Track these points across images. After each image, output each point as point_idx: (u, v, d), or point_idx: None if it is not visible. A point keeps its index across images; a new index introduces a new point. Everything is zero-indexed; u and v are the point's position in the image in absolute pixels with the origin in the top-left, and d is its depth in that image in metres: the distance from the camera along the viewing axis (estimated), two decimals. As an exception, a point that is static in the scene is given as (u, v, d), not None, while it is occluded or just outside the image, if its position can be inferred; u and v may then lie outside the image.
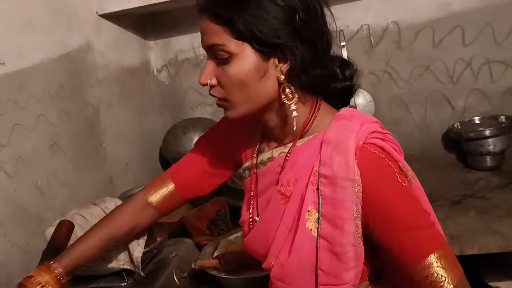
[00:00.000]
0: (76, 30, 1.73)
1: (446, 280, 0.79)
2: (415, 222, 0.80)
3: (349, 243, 0.80)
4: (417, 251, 0.80)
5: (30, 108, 1.46)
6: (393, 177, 0.80)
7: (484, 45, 1.94)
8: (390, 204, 0.80)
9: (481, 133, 1.79)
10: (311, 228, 0.82)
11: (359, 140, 0.81)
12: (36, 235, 1.41)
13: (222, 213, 1.66)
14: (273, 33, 0.78)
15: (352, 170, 0.78)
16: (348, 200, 0.79)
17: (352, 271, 0.82)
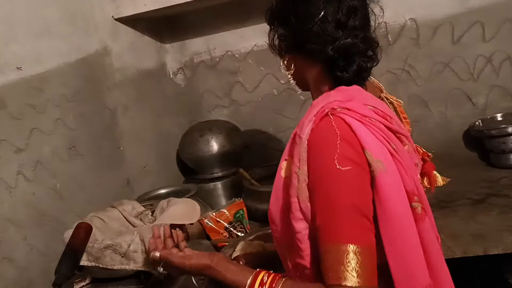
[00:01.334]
0: (93, 35, 1.75)
1: (345, 276, 0.77)
2: (336, 209, 0.80)
3: (294, 194, 0.86)
4: (330, 233, 0.80)
5: (48, 112, 1.47)
6: (331, 156, 0.81)
7: (505, 40, 1.89)
8: (319, 177, 0.83)
9: (503, 130, 1.74)
10: (283, 175, 0.91)
11: (326, 108, 0.86)
12: (55, 238, 1.42)
13: (240, 215, 1.65)
14: (272, 21, 1.00)
15: (304, 130, 0.85)
16: (296, 155, 0.86)
17: (301, 222, 0.85)
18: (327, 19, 0.90)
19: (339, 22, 0.90)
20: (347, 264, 0.77)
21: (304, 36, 0.92)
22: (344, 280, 0.77)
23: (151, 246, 1.05)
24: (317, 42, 0.91)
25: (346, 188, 0.81)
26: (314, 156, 0.84)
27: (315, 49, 0.92)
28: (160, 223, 1.21)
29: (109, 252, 1.15)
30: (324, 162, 0.82)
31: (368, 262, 0.79)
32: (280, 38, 0.99)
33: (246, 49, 2.19)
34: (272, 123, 2.24)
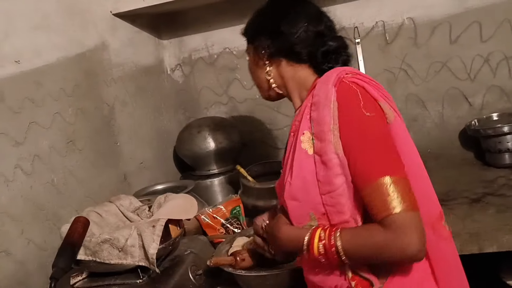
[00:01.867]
0: (91, 30, 1.75)
1: (392, 205, 0.87)
2: (370, 147, 0.93)
3: (331, 151, 0.95)
4: (368, 172, 0.91)
5: (46, 106, 1.47)
6: (358, 106, 0.95)
7: (502, 40, 1.91)
8: (352, 126, 0.95)
9: (499, 129, 1.75)
10: (306, 147, 1.00)
11: (340, 75, 1.00)
12: (52, 232, 1.42)
13: (236, 212, 1.65)
14: (253, 34, 1.15)
15: (330, 93, 0.98)
16: (327, 115, 0.96)
17: (341, 177, 0.95)
18: (309, 29, 1.08)
19: (319, 33, 1.09)
20: (389, 195, 0.88)
21: (294, 44, 1.08)
22: (392, 209, 0.87)
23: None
24: (305, 48, 1.08)
25: (375, 129, 0.94)
26: (344, 110, 0.95)
27: (304, 51, 1.08)
28: (157, 218, 1.21)
29: (107, 246, 1.15)
30: (354, 113, 0.95)
31: (407, 189, 0.89)
32: (265, 48, 1.11)
33: (244, 46, 2.17)
34: (269, 120, 2.24)
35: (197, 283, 1.24)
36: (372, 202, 0.89)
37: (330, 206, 0.97)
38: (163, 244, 1.19)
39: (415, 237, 0.86)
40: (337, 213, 0.96)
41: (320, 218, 0.99)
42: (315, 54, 1.08)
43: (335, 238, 0.92)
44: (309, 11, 1.11)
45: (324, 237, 0.94)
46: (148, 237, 1.15)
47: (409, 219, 0.87)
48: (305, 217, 1.00)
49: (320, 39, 1.09)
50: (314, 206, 0.99)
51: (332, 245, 0.92)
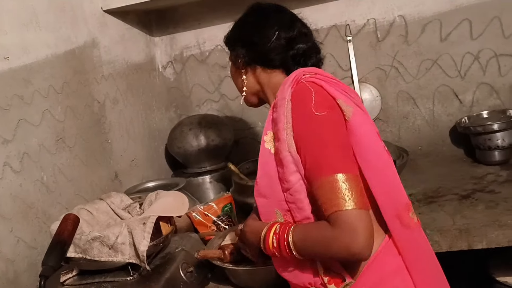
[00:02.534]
0: (82, 26, 1.73)
1: (337, 202, 0.89)
2: (320, 146, 0.95)
3: (285, 149, 0.99)
4: (317, 170, 0.93)
5: (36, 103, 1.46)
6: (309, 105, 0.98)
7: (492, 38, 1.92)
8: (302, 125, 0.98)
9: (489, 127, 1.77)
10: (269, 147, 1.05)
11: (298, 76, 1.04)
12: (42, 231, 1.41)
13: (228, 209, 1.65)
14: (231, 43, 1.21)
15: (286, 93, 1.02)
16: (282, 114, 1.00)
17: (296, 174, 0.98)
18: (281, 36, 1.12)
19: (291, 39, 1.13)
20: (338, 192, 0.89)
21: (267, 52, 1.13)
22: (339, 206, 0.89)
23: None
24: (278, 55, 1.13)
25: (324, 127, 0.96)
26: (296, 110, 0.99)
27: (277, 58, 1.13)
28: (148, 216, 1.21)
29: (97, 244, 1.14)
30: (304, 112, 0.98)
31: (357, 188, 0.91)
32: (241, 57, 1.17)
33: (236, 43, 2.18)
34: (261, 118, 2.24)
35: (188, 280, 1.24)
36: (321, 198, 0.92)
37: (291, 203, 1.01)
38: (154, 242, 1.19)
39: (361, 235, 0.87)
40: (298, 209, 1.00)
41: (285, 214, 1.03)
42: (286, 59, 1.13)
43: (288, 233, 0.96)
44: (282, 19, 1.15)
45: (278, 231, 0.98)
46: (138, 234, 1.15)
47: (356, 217, 0.88)
48: (272, 214, 1.04)
49: (291, 45, 1.13)
50: (279, 203, 1.03)
51: (285, 239, 0.96)
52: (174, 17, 2.23)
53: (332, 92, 1.01)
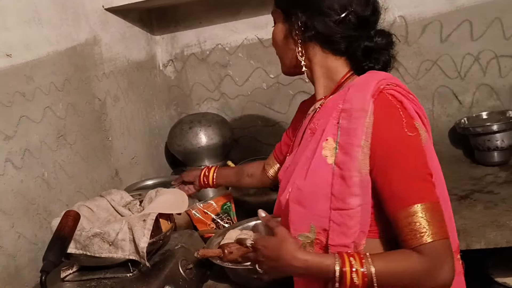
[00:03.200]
0: (83, 24, 1.74)
1: (427, 233, 0.84)
2: (410, 170, 0.88)
3: (355, 168, 0.89)
4: (404, 196, 0.86)
5: (37, 100, 1.46)
6: (400, 124, 0.89)
7: (493, 39, 1.92)
8: (392, 146, 0.88)
9: (488, 128, 1.78)
10: (326, 155, 0.93)
11: (380, 85, 0.92)
12: (43, 227, 1.42)
13: (227, 207, 1.66)
14: (289, 3, 1.02)
15: (367, 103, 0.90)
16: (359, 128, 0.89)
17: (357, 198, 0.89)
18: (355, 15, 0.97)
19: (365, 19, 0.98)
20: (425, 222, 0.85)
21: (333, 31, 0.98)
22: (422, 237, 0.84)
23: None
24: (345, 39, 0.98)
25: (414, 152, 0.89)
26: (382, 127, 0.89)
27: (342, 46, 0.99)
28: (148, 213, 1.22)
29: (97, 240, 1.15)
30: (394, 131, 0.89)
31: (441, 215, 0.87)
32: (299, 26, 1.01)
33: (236, 42, 2.19)
34: (261, 116, 2.25)
35: (187, 277, 1.24)
36: (406, 228, 0.86)
37: (336, 224, 0.92)
38: (154, 238, 1.20)
39: (449, 265, 0.85)
40: (339, 233, 0.92)
41: (319, 233, 0.94)
42: (356, 50, 0.99)
43: (368, 264, 0.86)
44: None
45: (355, 264, 0.86)
46: (138, 231, 1.15)
47: (443, 247, 0.86)
48: (305, 226, 0.96)
49: (364, 30, 0.98)
50: (318, 218, 0.94)
51: (365, 273, 0.85)
52: (175, 15, 2.24)
53: (411, 111, 0.92)
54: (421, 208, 0.85)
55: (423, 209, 0.85)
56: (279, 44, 1.09)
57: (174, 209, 1.31)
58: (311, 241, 0.96)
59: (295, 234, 0.97)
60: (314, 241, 0.96)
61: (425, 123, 0.96)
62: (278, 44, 1.09)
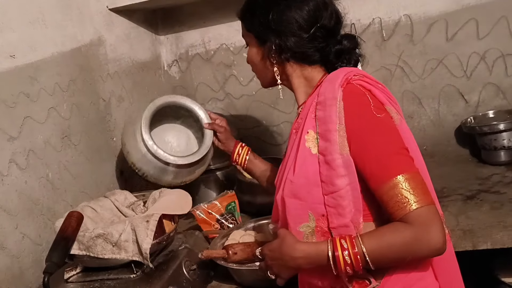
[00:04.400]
0: (88, 24, 1.74)
1: (410, 202, 0.88)
2: (384, 146, 0.93)
3: (336, 151, 0.95)
4: (383, 171, 0.91)
5: (41, 101, 1.47)
6: (368, 107, 0.96)
7: (499, 38, 1.91)
8: (363, 127, 0.95)
9: (495, 127, 1.76)
10: (310, 146, 1.00)
11: (348, 76, 1.00)
12: (47, 227, 1.42)
13: (232, 207, 1.65)
14: (261, 29, 1.09)
15: (336, 91, 0.97)
16: (333, 114, 0.96)
17: (344, 178, 0.94)
18: (323, 27, 1.06)
19: (331, 30, 1.07)
20: (407, 192, 0.89)
21: (307, 47, 1.06)
22: (412, 205, 0.88)
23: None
24: (318, 50, 1.07)
25: (386, 128, 0.95)
26: (352, 111, 0.95)
27: (316, 57, 1.08)
28: (151, 213, 1.21)
29: (100, 241, 1.15)
30: (363, 114, 0.95)
31: (422, 183, 0.91)
32: (273, 49, 1.09)
33: (241, 42, 2.17)
34: (266, 116, 2.24)
35: (191, 278, 1.24)
36: (391, 200, 0.90)
37: (332, 207, 0.96)
38: (157, 239, 1.20)
39: (439, 229, 0.88)
40: (337, 215, 0.96)
41: (318, 219, 0.98)
42: (328, 55, 1.08)
43: (358, 244, 0.90)
44: (318, 4, 1.06)
45: (347, 246, 0.91)
46: (142, 232, 1.15)
47: (430, 213, 0.88)
48: (304, 216, 0.99)
49: (332, 38, 1.07)
50: (314, 206, 0.98)
51: (357, 252, 0.89)
52: (179, 16, 2.24)
53: (380, 97, 0.99)
54: (402, 179, 0.89)
55: (404, 180, 0.89)
56: (256, 64, 1.17)
57: (177, 209, 1.31)
58: (312, 230, 1.00)
59: (296, 226, 1.01)
60: (315, 229, 1.00)
61: (397, 109, 1.02)
62: (255, 64, 1.18)
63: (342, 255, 0.90)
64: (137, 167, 1.52)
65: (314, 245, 0.96)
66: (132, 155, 1.52)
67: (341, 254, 0.90)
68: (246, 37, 1.17)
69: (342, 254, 0.90)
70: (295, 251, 0.97)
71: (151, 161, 1.49)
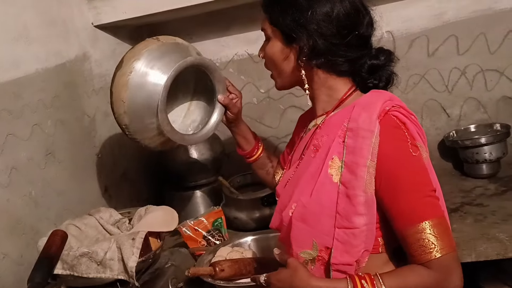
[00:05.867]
0: (73, 40, 1.74)
1: (436, 248, 0.87)
2: (416, 188, 0.90)
3: (361, 188, 0.91)
4: (412, 214, 0.89)
5: (25, 117, 1.45)
6: (406, 144, 0.91)
7: (478, 54, 1.95)
8: (398, 166, 0.91)
9: (476, 141, 1.79)
10: (332, 174, 0.95)
11: (385, 106, 0.94)
12: (29, 246, 1.39)
13: (218, 224, 1.64)
14: (290, 26, 0.98)
15: (373, 124, 0.92)
16: (365, 148, 0.91)
17: (362, 218, 0.91)
18: (361, 36, 0.99)
19: (367, 40, 1.01)
20: (434, 237, 0.88)
21: (339, 55, 0.98)
22: (432, 253, 0.87)
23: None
24: (350, 61, 0.99)
25: (419, 170, 0.92)
26: (388, 148, 0.91)
27: (346, 67, 1.00)
28: (137, 231, 1.20)
29: (85, 260, 1.13)
30: (400, 152, 0.91)
31: (446, 230, 0.90)
32: (302, 50, 0.99)
33: (227, 58, 2.20)
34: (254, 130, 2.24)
35: (177, 296, 1.23)
36: (415, 244, 0.89)
37: (340, 242, 0.93)
38: (143, 257, 1.19)
39: (459, 277, 0.89)
40: (343, 252, 0.93)
41: (322, 250, 0.96)
42: (360, 68, 1.01)
43: (379, 285, 0.88)
44: (359, 8, 0.98)
45: (367, 286, 0.88)
46: (127, 250, 1.14)
47: (453, 260, 0.89)
48: (307, 243, 0.97)
49: (366, 49, 1.00)
50: (321, 236, 0.95)
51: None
52: (165, 32, 2.22)
53: (413, 133, 0.95)
54: (429, 225, 0.88)
55: (431, 225, 0.88)
56: (276, 63, 1.06)
57: (164, 227, 1.30)
58: (313, 258, 0.98)
59: (298, 250, 0.99)
60: (316, 258, 0.98)
61: (424, 143, 0.99)
62: (275, 63, 1.06)
63: None
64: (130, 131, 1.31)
65: (331, 282, 0.92)
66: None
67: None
68: (268, 30, 1.05)
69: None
70: (308, 286, 0.92)
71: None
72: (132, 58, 1.21)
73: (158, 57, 1.23)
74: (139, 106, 1.22)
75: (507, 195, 1.63)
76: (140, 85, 1.21)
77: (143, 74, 1.21)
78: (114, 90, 1.26)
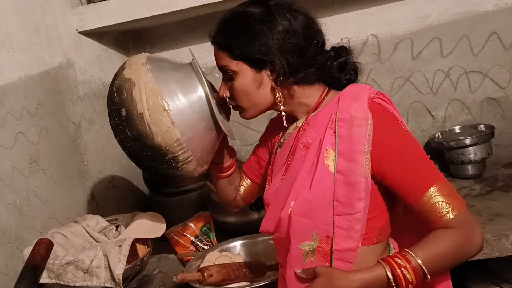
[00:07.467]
0: (56, 47, 1.72)
1: (451, 207, 0.91)
2: (419, 158, 0.95)
3: (361, 174, 0.94)
4: (422, 182, 0.93)
5: (8, 126, 1.43)
6: (397, 123, 0.97)
7: (462, 56, 1.98)
8: (397, 142, 0.95)
9: (461, 142, 1.81)
10: (328, 164, 0.98)
11: (370, 94, 0.99)
12: (15, 256, 1.37)
13: (207, 229, 1.64)
14: (260, 52, 0.99)
15: (366, 112, 0.96)
16: (363, 136, 0.95)
17: (362, 201, 0.95)
18: (320, 43, 1.03)
19: (323, 43, 1.06)
20: (443, 201, 0.91)
21: (309, 62, 1.01)
22: (448, 213, 0.91)
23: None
24: (318, 69, 1.03)
25: (414, 141, 0.97)
26: (382, 130, 0.95)
27: (316, 76, 1.04)
28: (124, 238, 1.19)
29: (71, 268, 1.12)
30: (394, 130, 0.97)
31: (451, 189, 0.94)
32: (278, 70, 1.00)
33: (212, 63, 2.16)
34: (239, 136, 2.24)
35: (165, 303, 1.22)
36: (431, 210, 0.92)
37: (342, 229, 0.96)
38: (130, 264, 1.18)
39: (479, 227, 0.93)
40: (346, 237, 0.96)
41: (322, 240, 0.98)
42: (330, 71, 1.04)
43: (413, 258, 0.90)
44: (309, 18, 1.03)
45: (403, 262, 0.90)
46: (114, 257, 1.13)
47: (468, 214, 0.93)
48: (308, 235, 0.99)
49: (328, 53, 1.05)
50: (322, 226, 0.97)
51: (414, 266, 0.89)
52: (151, 37, 2.24)
53: (398, 116, 1.00)
54: (437, 189, 0.92)
55: (438, 189, 0.92)
56: (251, 94, 1.04)
57: (151, 233, 1.30)
58: (313, 249, 1.00)
59: (298, 243, 1.00)
60: (316, 249, 0.99)
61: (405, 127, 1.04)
62: (249, 95, 1.04)
63: (402, 272, 0.89)
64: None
65: (368, 271, 0.93)
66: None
67: (400, 273, 0.89)
68: (231, 66, 1.03)
69: (402, 272, 0.89)
70: (352, 282, 0.92)
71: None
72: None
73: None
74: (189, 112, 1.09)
75: (492, 195, 1.65)
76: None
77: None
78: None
